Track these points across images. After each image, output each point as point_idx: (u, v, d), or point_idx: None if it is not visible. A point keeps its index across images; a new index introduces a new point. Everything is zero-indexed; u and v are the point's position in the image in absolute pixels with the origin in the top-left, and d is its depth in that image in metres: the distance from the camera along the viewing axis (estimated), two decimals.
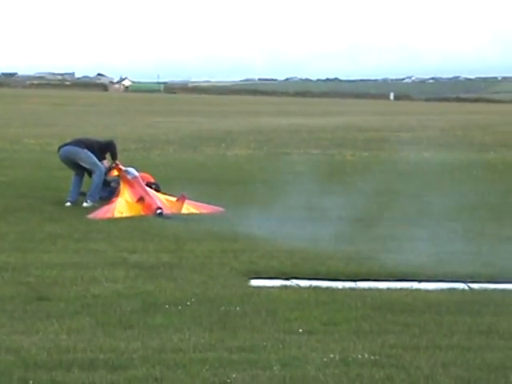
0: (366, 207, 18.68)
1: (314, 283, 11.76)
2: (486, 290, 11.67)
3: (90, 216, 17.14)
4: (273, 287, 11.56)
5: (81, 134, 22.16)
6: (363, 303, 10.66)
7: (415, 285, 11.90)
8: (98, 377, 7.81)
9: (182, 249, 13.97)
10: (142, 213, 17.53)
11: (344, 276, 12.26)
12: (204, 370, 8.02)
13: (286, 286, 11.59)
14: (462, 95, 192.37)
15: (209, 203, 18.45)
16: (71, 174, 19.71)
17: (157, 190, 18.84)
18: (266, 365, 8.19)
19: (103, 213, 17.31)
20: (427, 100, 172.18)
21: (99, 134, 37.56)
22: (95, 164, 18.65)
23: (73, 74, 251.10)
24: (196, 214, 17.74)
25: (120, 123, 53.78)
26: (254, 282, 11.90)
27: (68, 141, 19.89)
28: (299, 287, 11.60)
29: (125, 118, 62.86)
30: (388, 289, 11.62)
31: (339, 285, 11.76)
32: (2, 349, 8.54)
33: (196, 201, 18.31)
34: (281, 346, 8.81)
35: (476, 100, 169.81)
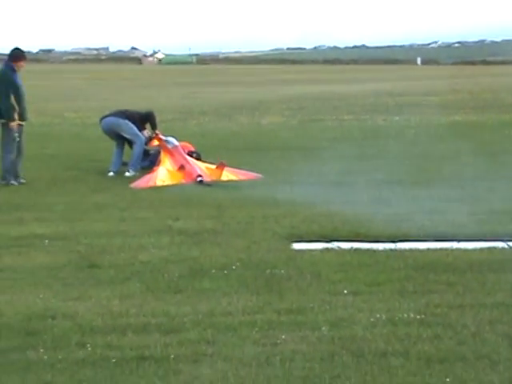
0: (402, 170, 18.54)
1: (355, 245, 11.68)
2: None
3: (133, 185, 17.20)
4: (315, 250, 11.50)
5: (119, 107, 21.79)
6: (405, 264, 10.57)
7: (455, 245, 11.77)
8: (151, 340, 7.81)
9: (223, 215, 13.93)
10: (183, 181, 17.53)
11: (384, 238, 12.15)
12: (254, 332, 7.99)
13: (327, 249, 11.53)
14: (489, 58, 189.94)
15: (247, 170, 18.34)
16: (112, 145, 19.83)
17: (197, 159, 18.84)
18: (315, 326, 8.15)
19: (145, 181, 17.34)
20: (454, 64, 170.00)
21: (136, 106, 37.77)
22: (136, 134, 18.71)
23: (107, 48, 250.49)
24: (235, 181, 17.68)
25: (156, 95, 53.71)
26: (296, 246, 11.84)
27: (109, 112, 19.90)
28: (340, 249, 11.52)
29: (160, 89, 62.77)
30: (428, 249, 11.49)
31: (380, 246, 11.66)
32: (59, 315, 8.57)
33: (234, 168, 18.19)
34: (327, 307, 8.77)
35: (502, 62, 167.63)
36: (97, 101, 47.05)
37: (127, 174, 18.50)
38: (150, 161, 18.85)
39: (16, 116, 17.20)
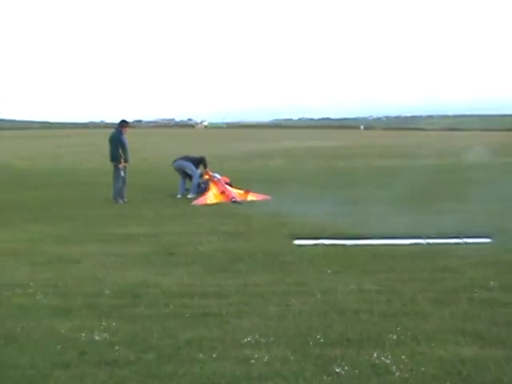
0: (356, 194, 18.28)
1: (333, 242, 11.39)
2: (437, 244, 11.19)
3: (193, 203, 17.03)
4: (308, 245, 11.24)
5: (182, 153, 21.68)
6: (365, 254, 10.36)
7: (393, 241, 11.45)
8: (210, 302, 7.64)
9: (250, 223, 13.69)
10: (223, 200, 17.33)
11: (350, 236, 11.86)
12: (274, 298, 7.81)
13: (316, 244, 11.24)
14: (403, 126, 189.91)
15: (262, 193, 18.15)
16: (176, 178, 19.52)
17: (231, 185, 18.58)
18: (312, 294, 7.96)
19: (201, 201, 17.20)
20: (384, 129, 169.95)
21: (193, 153, 37.56)
22: (194, 171, 18.72)
23: (173, 119, 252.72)
24: (255, 201, 17.40)
25: (205, 147, 53.52)
26: (296, 242, 11.56)
27: (177, 157, 19.69)
28: (324, 244, 11.21)
29: (206, 144, 62.59)
30: (378, 244, 11.20)
31: (348, 242, 11.36)
32: (152, 285, 8.43)
33: (255, 192, 18.03)
34: (319, 281, 8.56)
35: (411, 129, 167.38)
36: (168, 150, 46.87)
37: (189, 196, 18.34)
38: (201, 189, 18.59)
39: (122, 160, 17.13)
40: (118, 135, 17.35)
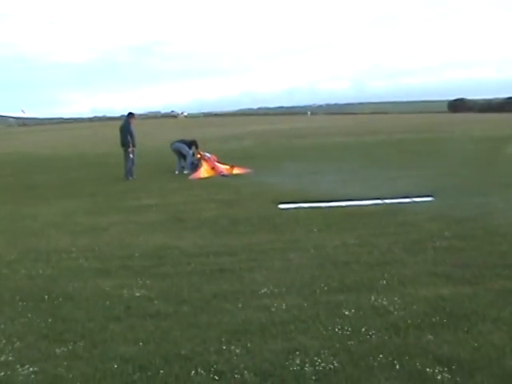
0: (323, 165, 17.86)
1: (311, 205, 10.97)
2: (393, 204, 10.85)
3: (190, 177, 16.42)
4: (291, 208, 10.81)
5: (175, 138, 21.04)
6: (339, 214, 9.99)
7: (358, 202, 11.08)
8: (223, 260, 7.23)
9: (239, 192, 13.18)
10: (214, 174, 16.73)
11: (324, 199, 11.41)
12: (275, 254, 7.43)
13: (297, 208, 10.82)
14: (340, 111, 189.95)
15: (245, 167, 17.56)
16: (172, 158, 18.88)
17: (218, 162, 17.92)
18: (306, 249, 7.59)
19: (196, 175, 16.59)
20: (325, 114, 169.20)
21: (177, 138, 36.70)
22: (188, 152, 18.06)
23: (159, 111, 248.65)
24: (239, 174, 16.81)
25: (188, 132, 52.42)
26: (281, 206, 11.11)
27: (174, 140, 19.08)
28: (304, 208, 10.79)
29: (189, 130, 61.40)
30: (347, 205, 10.84)
31: (322, 204, 10.97)
32: (172, 247, 7.96)
33: (239, 166, 17.47)
34: (309, 239, 8.16)
35: (346, 113, 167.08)
36: (159, 135, 45.93)
37: (185, 172, 17.69)
38: (195, 165, 17.98)
39: (131, 145, 16.51)
40: (127, 125, 16.68)
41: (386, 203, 10.99)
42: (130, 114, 16.89)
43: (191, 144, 18.33)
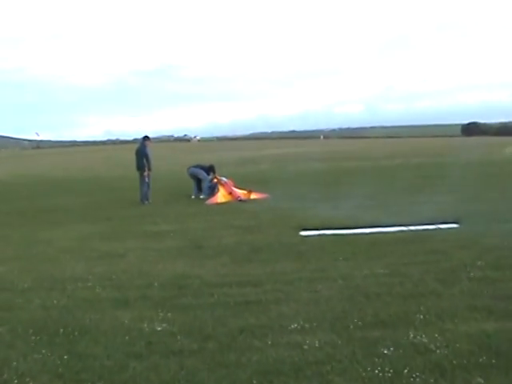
0: (340, 191, 17.52)
1: (333, 232, 10.63)
2: (418, 231, 10.47)
3: (207, 202, 16.17)
4: (313, 235, 10.45)
5: (190, 163, 20.88)
6: (364, 241, 9.61)
7: (382, 229, 10.73)
8: (247, 291, 6.89)
9: (258, 217, 12.87)
10: (231, 199, 16.47)
11: (346, 226, 11.06)
12: (302, 284, 7.05)
13: (319, 235, 10.47)
14: (353, 135, 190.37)
15: (261, 192, 17.25)
16: (188, 183, 18.68)
17: (235, 187, 17.67)
18: (333, 279, 7.22)
19: (212, 200, 16.35)
20: (339, 138, 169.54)
21: (194, 162, 36.54)
22: (205, 176, 17.86)
23: (173, 135, 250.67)
24: (257, 199, 16.51)
25: (201, 157, 52.39)
26: (302, 233, 10.78)
27: (191, 164, 19.00)
28: (326, 234, 10.44)
29: (203, 154, 61.43)
30: (370, 233, 10.45)
31: (345, 231, 10.62)
32: (192, 276, 7.59)
33: (257, 191, 17.18)
34: (336, 268, 7.81)
35: (360, 137, 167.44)
36: (174, 159, 45.96)
37: (201, 196, 17.50)
38: (212, 190, 17.71)
39: (146, 169, 16.37)
40: (142, 148, 16.55)
41: (410, 230, 10.61)
42: (146, 137, 16.76)
43: (209, 169, 18.11)
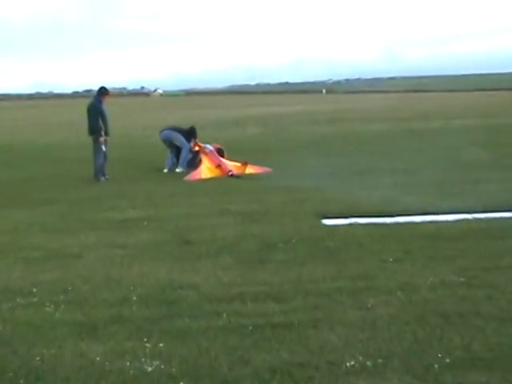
0: (369, 162, 17.15)
1: (369, 220, 10.15)
2: (489, 220, 10.01)
3: (186, 178, 15.75)
4: (342, 225, 9.93)
5: (150, 124, 20.38)
6: (415, 234, 9.12)
7: (437, 217, 10.25)
8: (269, 308, 6.29)
9: (262, 199, 12.36)
10: (219, 174, 16.07)
11: (384, 213, 10.59)
12: (344, 297, 6.53)
13: (351, 224, 9.97)
14: (365, 89, 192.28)
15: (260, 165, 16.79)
16: (156, 150, 18.72)
17: (221, 151, 17.54)
18: (388, 290, 6.68)
19: (194, 175, 15.93)
20: (346, 93, 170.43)
21: (157, 124, 36.00)
22: (184, 143, 17.47)
23: (126, 87, 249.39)
24: (255, 174, 16.06)
25: (167, 116, 51.50)
26: (326, 222, 10.29)
27: (165, 127, 18.50)
28: (361, 224, 9.93)
29: (167, 113, 60.66)
30: (422, 222, 9.97)
31: (387, 220, 10.15)
32: (185, 286, 7.05)
33: (254, 164, 16.69)
34: (387, 273, 7.29)
35: (374, 91, 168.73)
36: (130, 121, 45.19)
37: (177, 170, 17.14)
38: (192, 162, 17.34)
39: (102, 133, 15.80)
40: (97, 105, 15.90)
41: (477, 218, 10.14)
42: (103, 90, 16.12)
43: (189, 134, 17.68)
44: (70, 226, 10.53)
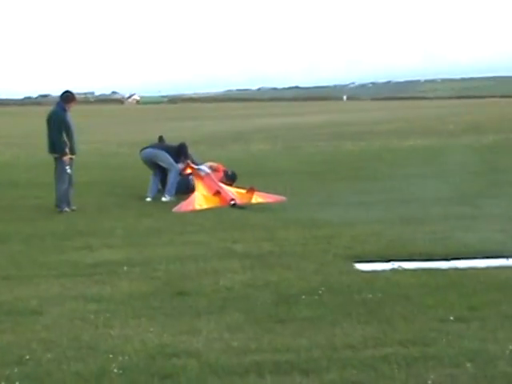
0: (412, 189, 17.06)
1: (417, 265, 10.11)
2: None
3: (175, 209, 15.64)
4: (383, 271, 9.88)
5: (124, 140, 20.45)
6: (481, 284, 8.98)
7: (505, 262, 10.22)
8: (294, 382, 6.09)
9: (275, 237, 12.31)
10: (219, 204, 15.92)
11: (436, 255, 10.54)
12: (395, 370, 6.35)
13: (394, 270, 9.90)
14: (397, 94, 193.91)
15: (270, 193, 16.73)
16: (137, 173, 19.11)
17: (232, 177, 18.03)
18: (454, 361, 6.45)
19: (185, 206, 15.80)
20: (372, 99, 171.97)
21: (135, 139, 36.12)
22: (171, 164, 17.39)
23: (93, 92, 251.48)
24: (264, 203, 16.00)
25: (147, 129, 51.74)
26: (360, 266, 10.23)
27: (148, 144, 18.57)
28: (407, 270, 9.84)
29: (148, 124, 60.90)
30: (487, 267, 9.88)
31: (442, 265, 10.10)
32: (181, 353, 6.84)
33: (263, 192, 16.61)
34: (449, 337, 7.05)
35: (408, 98, 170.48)
36: (100, 135, 45.31)
37: (163, 199, 17.06)
38: (183, 188, 17.36)
39: (67, 150, 15.71)
40: (60, 114, 15.80)
41: None
42: (68, 95, 16.08)
43: (178, 152, 17.71)
44: (25, 272, 10.37)
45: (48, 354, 6.89)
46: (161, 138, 18.53)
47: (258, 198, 16.18)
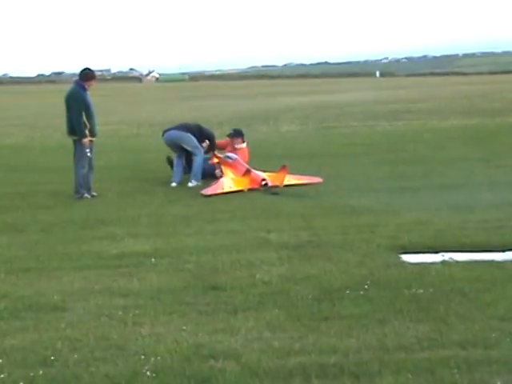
0: (455, 173, 16.88)
1: (470, 256, 9.91)
2: None
3: (203, 192, 15.66)
4: (433, 263, 9.66)
5: (143, 121, 20.36)
6: None
7: None
8: None
9: (313, 225, 12.20)
10: (249, 186, 15.95)
11: (491, 247, 10.34)
12: (455, 375, 6.20)
13: (445, 262, 9.71)
14: (433, 70, 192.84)
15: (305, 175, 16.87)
16: (159, 156, 18.96)
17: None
18: None
19: (214, 189, 15.84)
20: (407, 75, 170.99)
21: (155, 119, 36.11)
22: (197, 147, 17.35)
23: (109, 70, 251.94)
24: (298, 185, 16.08)
25: (168, 108, 51.85)
26: (407, 258, 10.03)
27: (171, 125, 18.41)
28: (459, 262, 9.65)
29: (168, 104, 60.95)
30: None
31: (497, 257, 9.86)
32: (219, 354, 6.74)
33: (296, 174, 16.67)
34: None
35: (446, 74, 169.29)
36: (118, 115, 45.27)
37: (190, 184, 17.01)
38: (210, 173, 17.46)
39: (87, 132, 15.69)
40: (80, 93, 15.76)
41: None
42: (88, 72, 16.08)
43: (204, 137, 17.67)
44: (45, 264, 10.32)
45: (75, 355, 6.82)
46: (207, 133, 18.04)
47: (291, 179, 16.22)
